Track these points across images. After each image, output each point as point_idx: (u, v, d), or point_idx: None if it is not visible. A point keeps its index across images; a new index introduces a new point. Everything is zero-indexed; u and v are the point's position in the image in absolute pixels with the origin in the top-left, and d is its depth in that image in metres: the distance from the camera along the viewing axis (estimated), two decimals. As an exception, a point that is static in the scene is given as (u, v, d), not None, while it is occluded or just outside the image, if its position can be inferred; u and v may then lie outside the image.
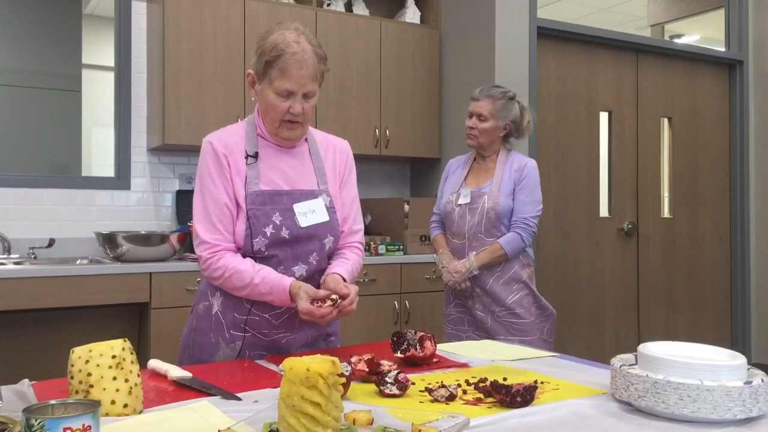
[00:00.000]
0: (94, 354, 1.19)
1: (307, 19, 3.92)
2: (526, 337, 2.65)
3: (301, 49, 1.66)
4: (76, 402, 0.90)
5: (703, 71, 4.96)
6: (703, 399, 1.14)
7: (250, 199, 1.71)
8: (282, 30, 1.70)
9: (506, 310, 2.67)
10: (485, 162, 2.81)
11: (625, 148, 4.63)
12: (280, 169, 1.77)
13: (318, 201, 1.77)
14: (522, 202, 2.69)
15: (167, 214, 3.92)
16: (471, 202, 2.70)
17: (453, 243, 2.79)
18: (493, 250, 2.66)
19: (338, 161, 1.88)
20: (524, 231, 2.66)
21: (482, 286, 2.69)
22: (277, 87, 1.67)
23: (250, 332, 1.77)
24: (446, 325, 2.84)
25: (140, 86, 3.87)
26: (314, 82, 1.70)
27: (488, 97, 2.74)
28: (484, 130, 2.74)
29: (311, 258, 1.76)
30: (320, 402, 0.96)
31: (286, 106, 1.69)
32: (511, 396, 1.25)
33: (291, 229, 1.72)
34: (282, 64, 1.65)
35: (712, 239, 4.99)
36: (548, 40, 4.25)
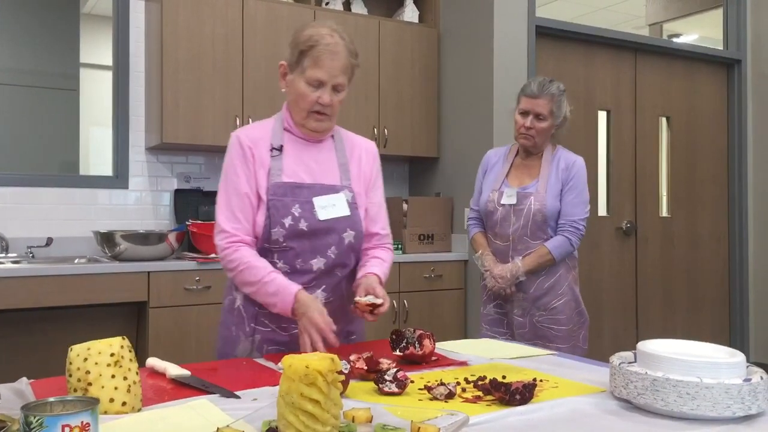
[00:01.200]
0: (92, 352, 1.19)
1: (306, 18, 3.91)
2: (563, 344, 2.51)
3: (334, 42, 1.72)
4: (74, 399, 0.89)
5: (702, 70, 4.96)
6: (702, 396, 1.14)
7: (272, 190, 1.74)
8: (317, 26, 1.76)
9: (547, 315, 2.54)
10: (530, 158, 2.63)
11: (623, 147, 4.64)
12: (304, 162, 1.80)
13: (339, 196, 1.80)
14: (570, 203, 2.53)
15: (165, 213, 3.92)
16: (516, 203, 2.55)
17: (495, 244, 2.62)
18: (540, 255, 2.51)
19: (365, 161, 1.90)
20: (573, 234, 2.52)
21: (525, 291, 2.55)
22: (309, 76, 1.72)
23: (270, 327, 1.79)
24: (483, 324, 2.69)
25: (138, 85, 3.86)
26: (344, 74, 1.75)
27: (548, 94, 2.52)
28: (543, 130, 2.54)
29: (329, 251, 1.77)
30: (319, 399, 0.96)
31: (315, 96, 1.73)
32: (511, 394, 1.24)
33: (309, 222, 1.75)
34: (315, 53, 1.70)
35: (710, 238, 4.99)
36: (547, 39, 4.25)
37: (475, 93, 4.08)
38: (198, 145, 3.68)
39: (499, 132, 3.90)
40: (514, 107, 2.64)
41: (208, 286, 3.31)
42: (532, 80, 2.61)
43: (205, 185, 3.97)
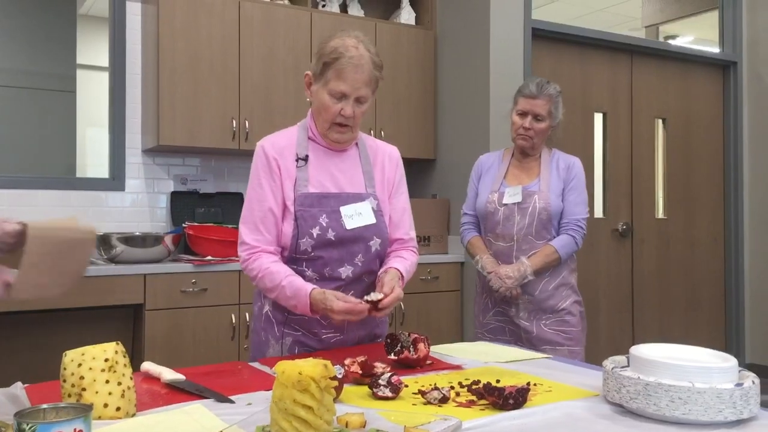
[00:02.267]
0: (86, 357, 1.19)
1: (302, 21, 3.92)
2: (576, 346, 2.50)
3: (358, 54, 1.73)
4: (67, 406, 0.90)
5: (697, 72, 4.97)
6: (694, 401, 1.14)
7: (299, 201, 1.76)
8: (343, 37, 1.77)
9: (555, 318, 2.51)
10: (526, 160, 2.62)
11: (619, 149, 4.65)
12: (329, 171, 1.82)
13: (365, 204, 1.81)
14: (573, 202, 2.53)
15: (162, 216, 3.91)
16: (521, 201, 2.52)
17: (496, 246, 2.57)
18: (547, 253, 2.48)
19: (388, 167, 1.92)
20: (577, 233, 2.52)
21: (530, 293, 2.51)
22: (331, 88, 1.73)
23: (300, 331, 1.82)
24: (483, 335, 2.62)
25: (135, 87, 3.86)
26: (368, 87, 1.76)
27: (546, 95, 2.52)
28: (541, 130, 2.54)
29: (356, 259, 1.80)
30: (312, 405, 0.97)
31: (338, 108, 1.74)
32: (504, 398, 1.25)
33: (337, 231, 1.76)
34: (339, 66, 1.72)
35: (706, 240, 5.00)
36: (543, 41, 4.26)
37: (472, 95, 4.08)
38: (194, 147, 3.68)
39: (496, 134, 3.91)
40: (511, 108, 2.63)
41: (204, 288, 3.31)
42: (529, 81, 2.59)
43: (201, 187, 3.97)
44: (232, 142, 3.72)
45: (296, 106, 3.89)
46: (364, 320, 1.83)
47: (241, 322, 3.39)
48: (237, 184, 4.10)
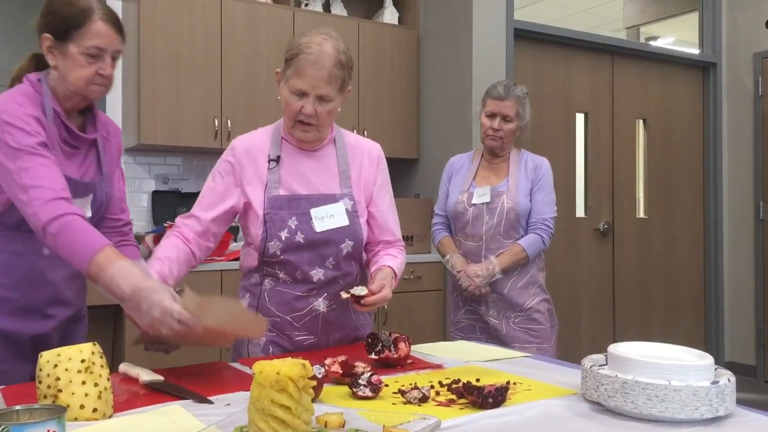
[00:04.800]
0: (62, 358, 1.18)
1: (285, 19, 3.91)
2: (544, 343, 2.54)
3: (320, 50, 1.67)
4: (41, 408, 0.89)
5: (678, 73, 5.02)
6: (670, 399, 1.15)
7: (269, 204, 1.73)
8: (312, 34, 1.72)
9: (523, 316, 2.56)
10: (495, 161, 2.67)
11: (601, 149, 4.68)
12: (301, 173, 1.78)
13: (338, 205, 1.77)
14: (541, 202, 2.58)
15: (143, 215, 3.88)
16: (490, 201, 2.57)
17: (466, 245, 2.63)
18: (514, 252, 2.54)
19: (367, 166, 1.87)
20: (544, 232, 2.56)
21: (499, 291, 2.57)
22: (291, 85, 1.70)
23: (274, 332, 1.79)
24: (455, 333, 2.67)
25: (115, 85, 3.81)
26: (329, 85, 1.69)
27: (514, 96, 2.57)
28: (510, 131, 2.59)
29: (327, 262, 1.76)
30: (290, 405, 0.96)
31: (298, 105, 1.70)
32: (483, 397, 1.25)
33: (306, 234, 1.73)
34: (298, 63, 1.68)
35: (686, 239, 5.06)
36: (525, 42, 4.28)
37: (454, 95, 4.09)
38: (176, 146, 3.66)
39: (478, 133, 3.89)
40: (479, 110, 2.69)
41: (185, 288, 3.29)
42: (497, 83, 2.65)
43: (183, 186, 3.95)
44: (214, 141, 3.70)
45: (278, 105, 3.82)
46: (339, 321, 1.81)
47: (223, 322, 3.37)
48: (219, 183, 4.07)
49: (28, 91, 1.63)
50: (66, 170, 1.64)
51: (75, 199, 1.67)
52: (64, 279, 1.72)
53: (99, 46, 1.60)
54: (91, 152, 1.75)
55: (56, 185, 1.53)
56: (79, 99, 1.66)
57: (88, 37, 1.59)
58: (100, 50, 1.60)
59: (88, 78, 1.61)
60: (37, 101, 1.62)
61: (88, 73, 1.61)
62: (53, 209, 1.48)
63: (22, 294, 1.66)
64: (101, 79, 1.62)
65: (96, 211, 1.74)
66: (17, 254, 1.64)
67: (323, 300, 1.78)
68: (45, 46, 1.64)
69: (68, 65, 1.61)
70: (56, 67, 1.63)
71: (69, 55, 1.60)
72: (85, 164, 1.73)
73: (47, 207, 1.48)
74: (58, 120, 1.64)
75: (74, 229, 1.47)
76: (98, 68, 1.61)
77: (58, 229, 1.46)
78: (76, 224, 1.48)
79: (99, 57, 1.61)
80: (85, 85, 1.62)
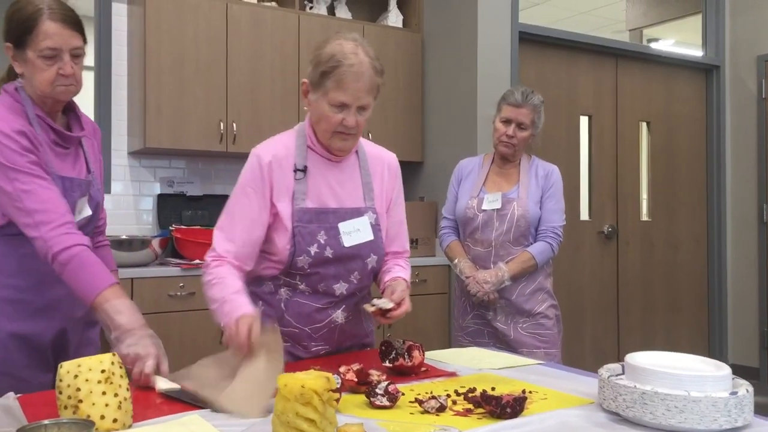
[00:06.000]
0: (83, 369, 1.18)
1: (290, 23, 3.91)
2: (552, 348, 2.55)
3: (358, 61, 1.62)
4: (69, 422, 0.89)
5: (681, 76, 5.03)
6: (689, 410, 1.16)
7: (297, 217, 1.69)
8: (340, 40, 1.66)
9: (531, 321, 2.56)
10: (506, 166, 2.66)
11: (604, 151, 4.69)
12: (328, 184, 1.74)
13: (363, 219, 1.75)
14: (550, 210, 2.58)
15: (148, 219, 3.89)
16: (500, 208, 2.56)
17: (475, 251, 2.62)
18: (524, 260, 2.53)
19: (387, 178, 1.85)
20: (554, 240, 2.56)
21: (507, 297, 2.56)
22: (331, 98, 1.63)
23: (290, 342, 1.77)
24: (463, 338, 2.66)
25: (121, 88, 3.83)
26: (369, 95, 1.66)
27: (531, 104, 2.55)
28: (524, 139, 2.57)
29: (352, 276, 1.76)
30: (315, 418, 0.97)
31: (339, 118, 1.65)
32: (501, 407, 1.25)
33: (335, 249, 1.71)
34: (338, 75, 1.62)
35: (690, 242, 5.06)
36: (529, 45, 4.28)
37: (459, 98, 4.10)
38: (181, 149, 3.66)
39: (483, 137, 3.92)
40: (494, 114, 2.66)
41: (192, 292, 3.29)
42: (514, 89, 2.63)
43: (188, 190, 3.95)
44: (220, 145, 3.70)
45: (283, 108, 3.88)
46: (353, 331, 1.82)
47: (229, 325, 3.37)
48: (224, 186, 4.08)
49: (8, 102, 1.64)
50: (62, 170, 1.65)
51: (81, 198, 1.68)
52: None
53: (52, 47, 1.58)
54: (80, 151, 1.77)
55: (61, 209, 1.56)
56: (51, 102, 1.67)
57: (40, 39, 1.58)
58: (55, 50, 1.58)
59: (50, 80, 1.60)
60: (19, 110, 1.63)
61: (49, 76, 1.60)
62: (64, 239, 1.53)
63: (38, 295, 1.67)
64: (64, 79, 1.61)
65: (95, 209, 1.76)
66: (30, 256, 1.65)
67: (342, 312, 1.78)
68: (9, 56, 1.65)
69: (30, 71, 1.61)
70: (23, 74, 1.64)
71: (29, 61, 1.60)
72: (78, 163, 1.74)
73: (57, 236, 1.53)
74: (43, 123, 1.65)
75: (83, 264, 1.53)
76: (58, 69, 1.60)
77: (68, 260, 1.52)
78: (84, 258, 1.54)
79: (56, 57, 1.59)
80: (49, 87, 1.61)
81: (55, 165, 1.64)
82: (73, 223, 1.57)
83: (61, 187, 1.63)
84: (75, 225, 1.58)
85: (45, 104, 1.67)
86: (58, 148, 1.69)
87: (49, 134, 1.66)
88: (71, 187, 1.66)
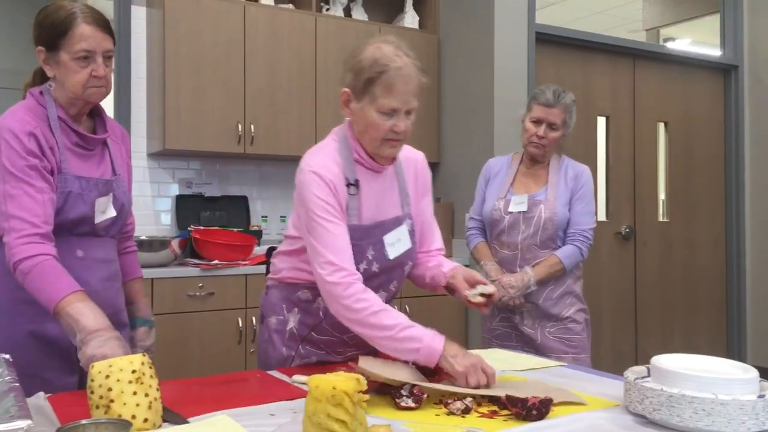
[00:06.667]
0: (114, 369, 1.19)
1: (307, 25, 3.92)
2: (581, 354, 2.48)
3: (404, 63, 1.58)
4: (107, 422, 0.90)
5: (699, 76, 4.99)
6: (717, 413, 1.16)
7: (350, 234, 1.64)
8: (378, 44, 1.62)
9: (559, 326, 2.49)
10: (535, 167, 2.59)
11: (622, 152, 4.67)
12: (374, 196, 1.71)
13: (402, 228, 1.73)
14: (580, 212, 2.50)
15: (167, 219, 3.92)
16: (527, 210, 2.49)
17: (501, 253, 2.55)
18: (551, 264, 2.45)
19: (419, 178, 1.83)
20: (583, 244, 2.48)
21: (533, 301, 2.49)
22: (381, 105, 1.58)
23: (325, 350, 1.77)
24: (491, 340, 2.59)
25: (140, 91, 3.86)
26: (416, 97, 1.62)
27: (563, 104, 2.47)
28: (555, 139, 2.49)
29: (392, 285, 1.76)
30: (346, 420, 0.98)
31: (389, 124, 1.60)
32: (527, 409, 1.26)
33: (381, 262, 1.70)
34: (386, 80, 1.56)
35: (708, 243, 5.03)
36: (546, 45, 4.27)
37: (476, 98, 4.09)
38: (199, 151, 3.68)
39: (500, 137, 3.92)
40: (524, 114, 2.57)
41: (211, 292, 3.32)
42: (545, 88, 2.53)
43: (206, 191, 3.98)
44: (237, 146, 3.73)
45: (301, 110, 3.90)
46: None
47: (248, 326, 3.39)
48: (241, 187, 4.11)
49: (31, 104, 1.68)
50: (81, 171, 1.69)
51: (100, 198, 1.70)
52: (101, 280, 1.75)
53: (87, 49, 1.63)
54: (105, 153, 1.80)
55: (37, 218, 1.56)
56: (81, 104, 1.71)
57: (75, 41, 1.62)
58: (89, 52, 1.63)
59: (83, 82, 1.64)
60: (40, 112, 1.67)
61: (82, 77, 1.64)
62: (28, 248, 1.53)
63: None
64: (96, 80, 1.66)
65: (120, 210, 1.78)
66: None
67: None
68: (41, 59, 1.69)
69: (63, 73, 1.65)
70: (54, 77, 1.68)
71: (62, 64, 1.64)
72: (102, 164, 1.77)
73: (21, 245, 1.53)
74: (65, 126, 1.69)
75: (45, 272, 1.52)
76: (91, 70, 1.64)
77: (29, 269, 1.52)
78: (46, 267, 1.52)
79: (90, 59, 1.64)
80: (82, 89, 1.65)
81: (72, 165, 1.68)
82: (45, 234, 1.57)
83: (77, 187, 1.66)
84: (48, 236, 1.58)
85: (73, 107, 1.70)
86: (80, 149, 1.72)
87: (71, 136, 1.70)
88: (88, 186, 1.69)
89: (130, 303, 1.92)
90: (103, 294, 1.75)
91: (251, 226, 4.00)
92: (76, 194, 1.66)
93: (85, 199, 1.68)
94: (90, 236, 1.72)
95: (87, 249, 1.72)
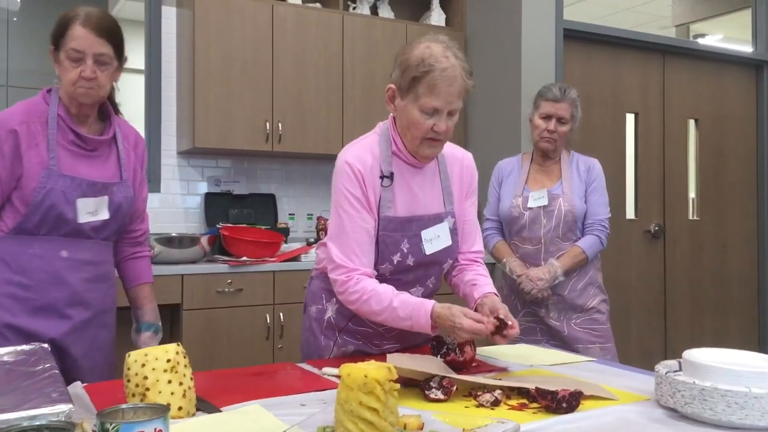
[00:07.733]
0: (149, 358, 1.22)
1: (334, 23, 3.95)
2: (607, 343, 2.55)
3: (450, 65, 1.58)
4: (145, 406, 0.93)
5: (730, 72, 4.92)
6: (751, 406, 1.15)
7: (382, 225, 1.67)
8: (429, 43, 1.63)
9: (585, 316, 2.56)
10: (546, 163, 2.68)
11: (651, 149, 4.61)
12: (411, 190, 1.72)
13: (443, 225, 1.75)
14: (596, 203, 2.61)
15: (196, 217, 3.97)
16: (547, 204, 2.57)
17: (523, 249, 2.63)
18: (574, 254, 2.55)
19: (465, 179, 1.83)
20: (602, 233, 2.59)
21: (559, 293, 2.57)
22: (423, 104, 1.60)
23: (362, 340, 1.79)
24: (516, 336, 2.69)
25: (170, 90, 3.92)
26: (460, 99, 1.63)
27: (569, 99, 2.60)
28: (564, 133, 2.60)
29: (429, 281, 1.77)
30: (377, 408, 0.99)
31: (430, 123, 1.61)
32: (557, 402, 1.26)
33: (416, 257, 1.71)
34: (431, 80, 1.58)
35: (739, 242, 4.94)
36: (574, 42, 4.24)
37: (503, 96, 4.08)
38: (228, 149, 3.73)
39: (527, 135, 3.89)
40: (531, 112, 2.69)
41: (240, 288, 3.35)
42: (551, 85, 2.68)
43: (234, 189, 4.02)
44: (265, 144, 3.76)
45: (328, 108, 3.92)
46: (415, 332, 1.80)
47: (276, 322, 3.42)
48: (269, 185, 4.14)
49: (35, 101, 1.78)
50: (75, 171, 1.75)
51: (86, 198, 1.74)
52: (83, 281, 1.80)
53: (75, 49, 1.71)
54: (112, 156, 1.85)
55: None
56: (76, 104, 1.77)
57: (68, 41, 1.72)
58: (78, 52, 1.71)
59: (72, 81, 1.72)
60: (39, 109, 1.75)
61: (72, 76, 1.72)
62: None
63: (40, 294, 1.74)
64: (84, 81, 1.72)
65: (114, 213, 1.82)
66: (37, 256, 1.74)
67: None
68: (51, 57, 1.79)
69: (60, 71, 1.75)
70: (58, 75, 1.77)
71: (60, 62, 1.74)
72: (104, 166, 1.82)
73: None
74: (63, 124, 1.76)
75: None
76: (80, 71, 1.71)
77: None
78: None
79: (80, 60, 1.71)
80: (71, 87, 1.73)
81: (64, 163, 1.74)
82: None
83: (61, 185, 1.72)
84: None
85: (72, 106, 1.78)
86: (77, 149, 1.78)
87: (67, 135, 1.77)
88: (72, 185, 1.74)
89: (137, 308, 1.97)
90: (84, 295, 1.79)
91: (279, 223, 4.04)
92: (58, 191, 1.71)
93: (68, 198, 1.73)
94: (77, 237, 1.77)
95: (72, 250, 1.77)
